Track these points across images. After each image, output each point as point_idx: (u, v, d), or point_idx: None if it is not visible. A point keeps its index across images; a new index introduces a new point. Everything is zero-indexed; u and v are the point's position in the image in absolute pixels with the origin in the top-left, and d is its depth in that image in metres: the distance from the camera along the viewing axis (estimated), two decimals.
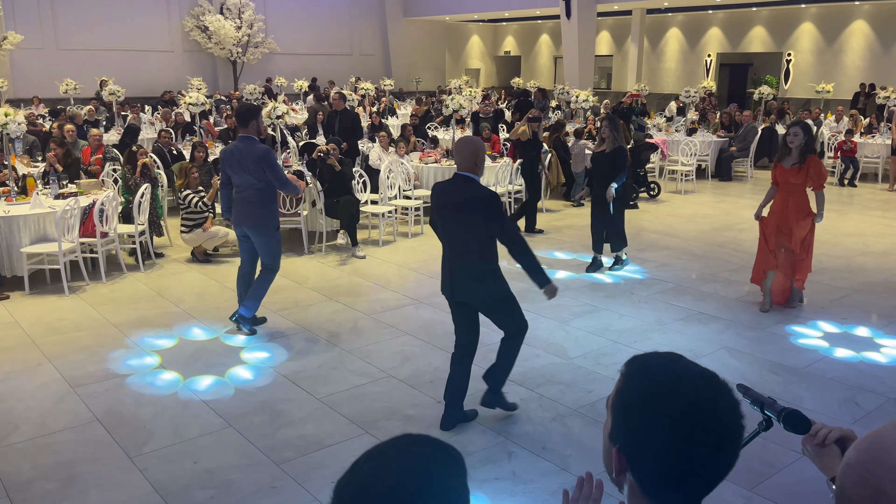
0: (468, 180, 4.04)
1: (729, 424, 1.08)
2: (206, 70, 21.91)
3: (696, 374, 1.11)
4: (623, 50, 25.37)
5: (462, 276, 4.14)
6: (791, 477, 3.78)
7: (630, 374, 1.14)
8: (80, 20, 19.95)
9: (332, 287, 7.05)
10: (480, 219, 4.00)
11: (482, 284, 4.14)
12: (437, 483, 1.01)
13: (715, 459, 1.08)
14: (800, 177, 5.87)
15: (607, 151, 7.14)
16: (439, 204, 4.19)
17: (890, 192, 12.08)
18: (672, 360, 1.14)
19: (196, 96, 12.14)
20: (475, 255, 4.10)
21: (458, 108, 11.69)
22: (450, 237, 4.19)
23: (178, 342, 5.66)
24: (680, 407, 1.06)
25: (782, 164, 5.99)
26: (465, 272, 4.13)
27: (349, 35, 25.39)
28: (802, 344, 5.61)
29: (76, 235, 6.95)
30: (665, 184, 12.39)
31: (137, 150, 8.25)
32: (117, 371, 5.11)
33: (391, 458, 1.03)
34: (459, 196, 4.06)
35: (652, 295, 6.77)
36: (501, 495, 3.64)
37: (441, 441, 1.07)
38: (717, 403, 1.08)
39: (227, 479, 3.79)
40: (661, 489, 1.11)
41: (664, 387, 1.09)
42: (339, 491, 1.02)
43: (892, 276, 7.36)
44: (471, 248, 4.10)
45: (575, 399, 4.68)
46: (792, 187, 5.93)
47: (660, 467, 1.09)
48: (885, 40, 19.67)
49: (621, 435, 1.12)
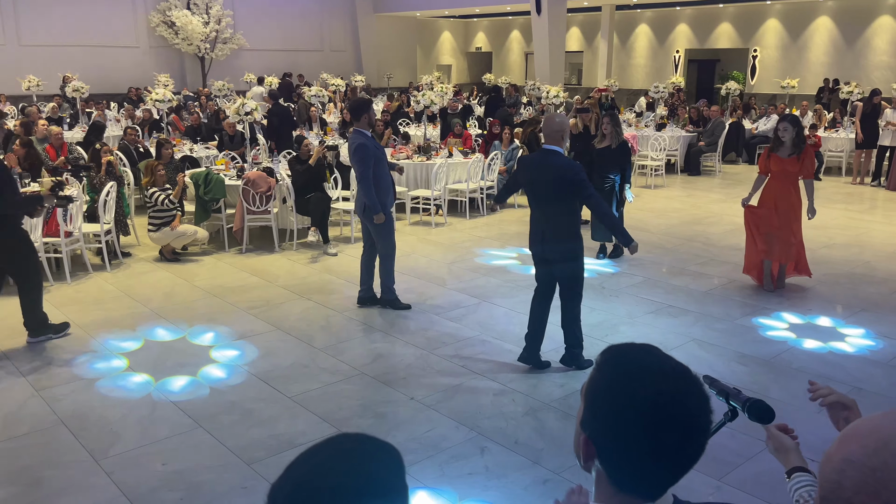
0: (554, 153, 4.67)
1: (697, 417, 1.08)
2: (173, 66, 21.57)
3: (669, 366, 1.11)
4: (593, 46, 25.55)
5: (551, 236, 4.80)
6: (759, 466, 3.84)
7: (604, 364, 1.14)
8: (42, 15, 19.50)
9: (303, 285, 7.00)
10: (566, 186, 4.64)
11: (565, 244, 4.83)
12: (375, 481, 0.99)
13: (681, 451, 1.08)
14: (797, 165, 6.32)
15: (613, 147, 7.44)
16: (529, 175, 4.86)
17: (853, 186, 12.33)
18: (647, 351, 1.14)
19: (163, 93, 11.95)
20: (562, 218, 4.79)
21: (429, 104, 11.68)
22: (538, 203, 4.85)
23: (145, 343, 5.57)
24: (648, 397, 1.07)
25: (777, 155, 6.37)
26: (553, 233, 4.80)
27: (319, 31, 25.18)
28: (769, 335, 5.70)
29: (39, 235, 6.80)
30: (635, 178, 12.50)
31: (101, 147, 8.10)
32: (83, 373, 5.01)
33: (327, 459, 1.01)
34: (547, 166, 4.68)
35: (622, 289, 6.83)
36: (474, 490, 3.64)
37: (377, 438, 1.06)
38: (687, 396, 1.09)
39: (197, 481, 3.74)
40: (627, 478, 1.11)
41: (634, 377, 1.10)
42: (273, 495, 0.98)
43: (855, 267, 7.51)
44: (557, 212, 4.78)
45: (547, 393, 4.70)
46: (788, 174, 6.38)
47: (626, 456, 1.09)
48: (849, 36, 20.07)
49: (590, 423, 1.13)
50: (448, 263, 7.67)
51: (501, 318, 6.05)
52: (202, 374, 5.00)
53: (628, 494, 1.12)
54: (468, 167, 9.93)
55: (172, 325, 5.90)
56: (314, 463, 1.00)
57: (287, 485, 0.98)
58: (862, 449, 0.85)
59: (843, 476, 0.84)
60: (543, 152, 4.77)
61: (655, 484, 1.11)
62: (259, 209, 8.06)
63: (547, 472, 3.80)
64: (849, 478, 0.84)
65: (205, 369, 5.08)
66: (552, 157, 4.70)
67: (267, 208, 8.09)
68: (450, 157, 10.09)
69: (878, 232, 9.06)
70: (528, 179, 4.90)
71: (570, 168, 4.67)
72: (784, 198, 6.42)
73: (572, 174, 4.64)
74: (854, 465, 0.84)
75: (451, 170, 9.88)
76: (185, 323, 5.94)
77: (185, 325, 5.88)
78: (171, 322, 5.97)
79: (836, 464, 0.86)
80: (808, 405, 4.56)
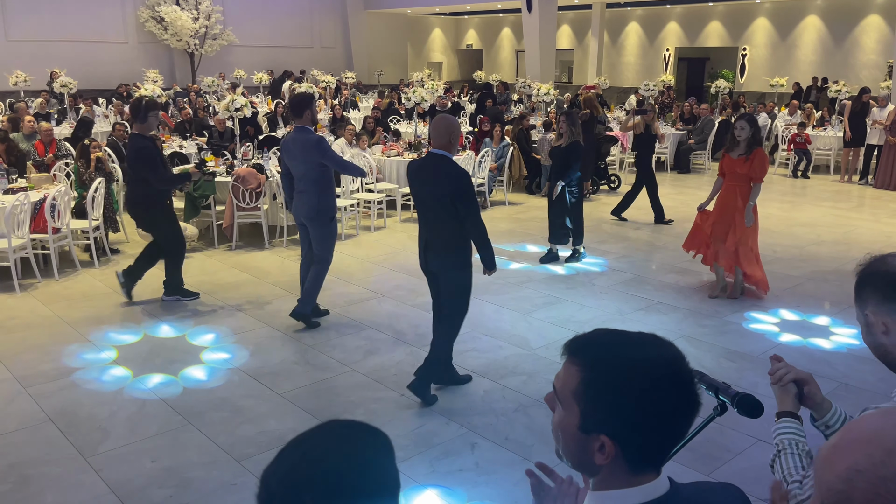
0: (442, 158, 4.26)
1: (686, 368, 1.14)
2: (162, 62, 21.43)
3: (651, 339, 1.15)
4: (584, 44, 25.57)
5: (434, 247, 4.40)
6: (747, 461, 3.86)
7: (596, 362, 1.11)
8: (29, 10, 19.31)
9: (294, 282, 6.97)
10: (448, 195, 4.21)
11: (448, 258, 4.39)
12: (366, 464, 1.00)
13: (692, 404, 1.12)
14: (745, 167, 6.05)
15: (563, 146, 7.19)
16: (414, 180, 4.45)
17: (841, 184, 12.41)
18: (615, 334, 1.17)
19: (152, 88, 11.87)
20: (445, 229, 4.33)
21: (419, 101, 11.67)
22: (422, 210, 4.47)
23: (134, 339, 5.54)
24: (663, 373, 1.10)
25: (730, 155, 6.18)
26: (436, 245, 4.39)
27: (310, 27, 25.08)
28: (758, 331, 5.74)
29: (27, 231, 6.75)
30: (625, 176, 12.54)
31: (90, 143, 8.04)
32: (71, 370, 4.98)
33: (318, 443, 1.02)
34: (431, 173, 4.28)
35: (612, 286, 6.85)
36: (465, 486, 3.65)
37: (368, 424, 1.07)
38: (679, 353, 1.14)
39: (187, 478, 3.72)
40: (650, 455, 1.13)
41: (638, 361, 1.11)
42: (266, 480, 0.99)
43: (843, 264, 7.57)
44: (441, 222, 4.32)
45: (537, 389, 4.71)
46: (738, 177, 6.11)
47: (653, 434, 1.11)
48: (837, 35, 20.19)
49: (607, 421, 1.09)
50: None
51: (491, 314, 6.05)
52: (191, 371, 4.98)
53: (642, 471, 1.13)
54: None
55: (161, 321, 5.87)
56: (306, 448, 1.01)
57: (280, 469, 0.99)
58: (868, 458, 0.83)
59: (852, 486, 0.83)
60: (431, 156, 4.36)
61: (664, 451, 1.15)
62: (249, 206, 8.03)
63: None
64: (858, 489, 0.83)
65: (194, 366, 5.06)
66: (440, 162, 4.28)
67: (257, 205, 8.06)
68: None
69: (866, 229, 9.13)
70: (413, 185, 4.49)
71: (455, 176, 4.22)
72: (730, 201, 6.14)
73: (456, 183, 4.21)
74: (862, 475, 0.83)
75: None
76: (174, 320, 5.91)
77: (175, 322, 5.85)
78: (160, 319, 5.94)
79: (842, 473, 0.85)
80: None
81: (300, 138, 5.49)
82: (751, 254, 6.27)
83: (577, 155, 7.21)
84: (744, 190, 6.14)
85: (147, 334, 5.64)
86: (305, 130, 5.53)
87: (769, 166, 6.23)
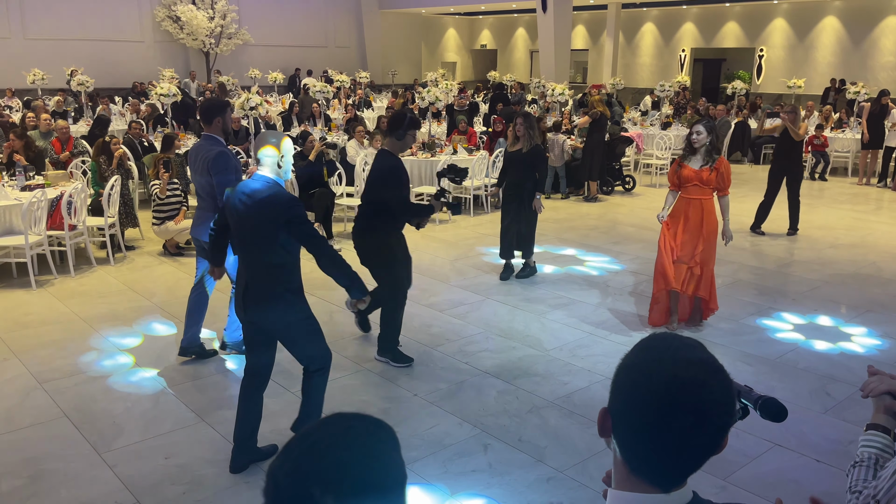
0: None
1: (709, 409, 1.08)
2: (178, 61, 21.57)
3: (696, 357, 1.11)
4: (598, 44, 25.47)
5: (255, 292, 3.54)
6: (764, 466, 3.82)
7: (638, 344, 1.17)
8: (48, 9, 19.50)
9: (307, 280, 6.91)
10: (271, 224, 3.44)
11: (277, 304, 3.55)
12: (373, 456, 1.00)
13: (689, 440, 1.08)
14: (711, 177, 5.43)
15: (524, 151, 6.62)
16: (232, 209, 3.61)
17: (859, 186, 12.28)
18: (682, 341, 1.15)
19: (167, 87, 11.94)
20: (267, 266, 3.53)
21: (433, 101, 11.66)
22: (239, 245, 3.65)
23: (148, 337, 5.56)
24: (663, 380, 1.07)
25: (689, 165, 5.48)
26: (258, 288, 3.54)
27: (324, 27, 25.16)
28: (775, 335, 5.68)
29: (43, 228, 6.80)
30: (640, 177, 12.48)
31: (110, 140, 8.09)
32: (86, 366, 5.01)
33: (324, 436, 1.01)
34: (252, 199, 3.48)
35: (627, 287, 6.80)
36: (478, 487, 3.63)
37: (373, 417, 1.06)
38: (702, 387, 1.08)
39: (200, 475, 3.73)
40: (638, 459, 1.12)
41: (656, 359, 1.11)
42: (273, 474, 0.99)
43: (861, 268, 7.48)
44: (260, 257, 3.53)
45: (551, 391, 4.68)
46: (703, 189, 5.46)
47: (636, 436, 1.10)
48: (855, 36, 19.98)
49: (611, 396, 1.15)
50: (451, 260, 7.65)
51: (505, 315, 6.03)
52: (205, 369, 4.99)
53: (640, 478, 1.12)
54: (473, 164, 9.91)
55: (176, 319, 5.89)
56: (313, 441, 1.01)
57: (287, 463, 0.99)
58: None
59: None
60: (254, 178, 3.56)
61: (664, 471, 1.11)
62: None
63: (550, 470, 3.78)
64: None
65: (208, 363, 5.07)
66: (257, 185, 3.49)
67: None
68: (454, 154, 10.07)
69: (884, 233, 9.02)
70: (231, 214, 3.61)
71: (278, 201, 3.43)
72: (695, 215, 5.49)
73: (281, 209, 3.41)
74: None
75: None
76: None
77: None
78: (174, 316, 5.96)
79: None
80: (814, 405, 4.57)
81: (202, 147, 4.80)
82: (712, 278, 5.63)
83: (541, 161, 6.76)
84: (708, 204, 5.51)
85: (160, 332, 5.66)
86: (212, 140, 4.78)
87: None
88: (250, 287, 3.54)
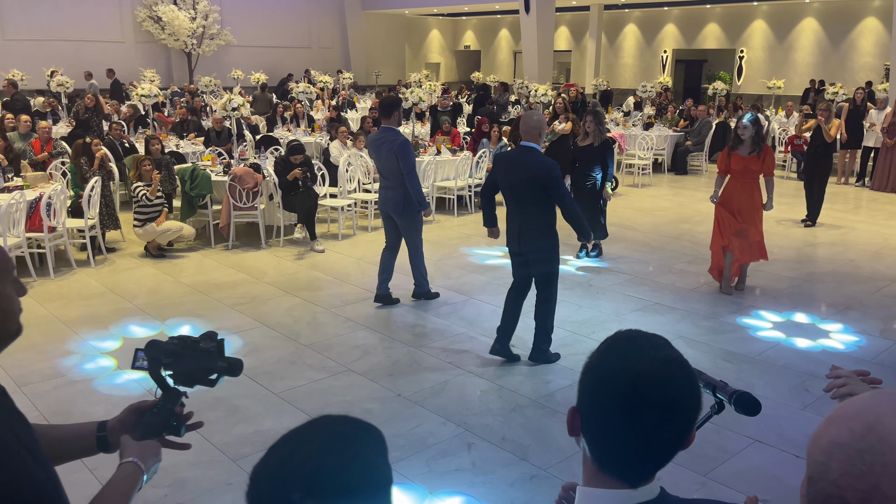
0: (531, 150, 4.75)
1: (675, 405, 1.08)
2: (159, 62, 21.41)
3: (662, 355, 1.10)
4: (581, 45, 25.61)
5: (527, 234, 4.86)
6: (744, 462, 3.86)
7: (604, 342, 1.16)
8: (26, 9, 19.27)
9: (290, 281, 6.96)
10: (539, 184, 4.70)
11: (539, 240, 4.88)
12: (358, 460, 0.99)
13: (655, 435, 1.08)
14: (758, 163, 6.33)
15: (595, 145, 7.37)
16: (504, 172, 4.90)
17: (838, 186, 12.42)
18: (647, 338, 1.14)
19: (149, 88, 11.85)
20: (537, 215, 4.82)
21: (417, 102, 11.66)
22: (513, 200, 4.90)
23: (129, 338, 5.52)
24: (628, 376, 1.07)
25: (738, 153, 6.38)
26: (529, 231, 4.85)
27: (307, 28, 25.07)
28: (755, 333, 5.74)
29: (22, 230, 6.73)
30: (622, 177, 12.55)
31: (93, 142, 8.01)
32: (66, 369, 4.96)
33: (308, 440, 1.00)
34: (523, 163, 4.74)
35: (610, 286, 6.85)
36: (461, 486, 3.64)
37: (360, 419, 1.05)
38: (667, 383, 1.08)
39: (182, 477, 3.70)
40: (605, 456, 1.12)
41: (621, 356, 1.11)
42: (256, 477, 0.98)
43: (839, 266, 7.57)
44: (532, 209, 4.82)
45: (534, 389, 4.70)
46: (751, 173, 6.39)
47: (603, 433, 1.11)
48: (834, 37, 20.24)
49: (579, 394, 1.15)
50: (436, 261, 7.65)
51: (489, 315, 6.04)
52: None
53: (609, 475, 1.12)
54: (456, 165, 9.93)
55: (157, 321, 5.86)
56: (296, 444, 0.99)
57: (269, 466, 0.97)
58: (849, 432, 0.84)
59: (831, 458, 0.84)
60: (521, 149, 4.82)
61: (632, 467, 1.12)
62: (246, 205, 8.01)
63: (534, 469, 3.80)
64: (836, 460, 0.83)
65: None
66: (529, 154, 4.76)
67: (253, 204, 8.04)
68: (438, 155, 10.08)
69: (863, 231, 9.14)
70: (503, 176, 4.93)
71: (543, 166, 4.70)
72: (746, 197, 6.43)
73: (545, 172, 4.68)
74: (841, 447, 0.83)
75: (439, 167, 9.87)
76: (170, 319, 5.89)
77: (171, 322, 5.83)
78: (155, 318, 5.92)
79: (824, 446, 0.86)
80: (793, 401, 4.61)
81: (384, 137, 5.92)
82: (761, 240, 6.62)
83: (612, 152, 7.55)
84: (756, 185, 6.46)
85: (142, 334, 5.62)
86: (391, 131, 5.91)
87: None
88: (523, 229, 4.90)
